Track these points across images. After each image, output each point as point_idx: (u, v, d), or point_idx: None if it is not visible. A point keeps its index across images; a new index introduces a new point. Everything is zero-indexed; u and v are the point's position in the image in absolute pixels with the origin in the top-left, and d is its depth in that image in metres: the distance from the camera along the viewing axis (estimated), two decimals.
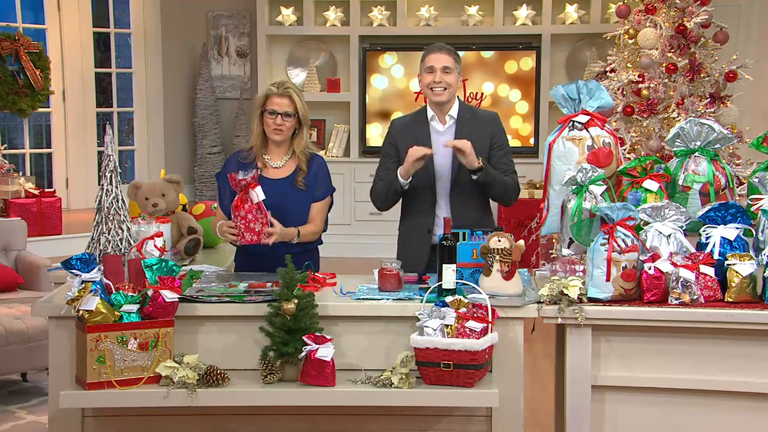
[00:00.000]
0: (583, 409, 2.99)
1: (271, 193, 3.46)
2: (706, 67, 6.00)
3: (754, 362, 2.93)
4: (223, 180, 3.57)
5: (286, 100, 3.50)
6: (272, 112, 3.50)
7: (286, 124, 3.51)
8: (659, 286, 2.94)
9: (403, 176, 3.58)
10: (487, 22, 8.22)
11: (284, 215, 3.47)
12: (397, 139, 3.72)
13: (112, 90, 8.76)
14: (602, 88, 3.38)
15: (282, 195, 3.51)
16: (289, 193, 3.54)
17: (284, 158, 3.60)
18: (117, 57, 8.76)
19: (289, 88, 3.52)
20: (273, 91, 3.51)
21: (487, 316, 2.83)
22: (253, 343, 2.93)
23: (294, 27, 8.50)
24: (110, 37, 8.59)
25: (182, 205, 4.20)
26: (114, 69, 8.67)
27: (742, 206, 3.11)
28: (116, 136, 8.34)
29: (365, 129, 8.44)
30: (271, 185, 3.51)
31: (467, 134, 3.63)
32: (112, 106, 8.74)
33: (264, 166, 3.58)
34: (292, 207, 3.53)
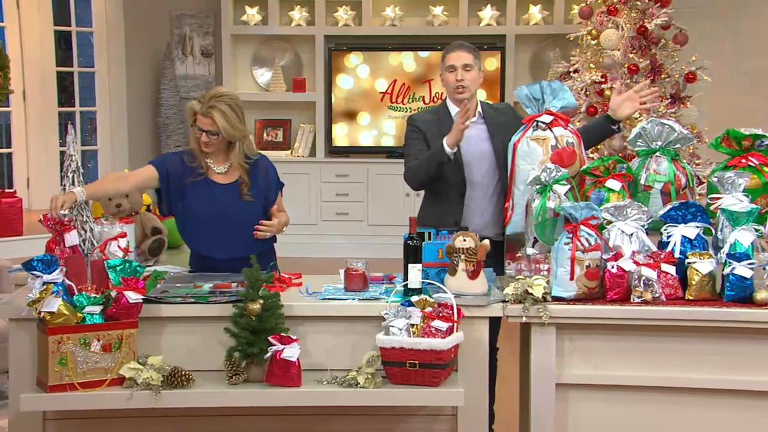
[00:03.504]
0: (548, 407, 3.02)
1: (221, 198, 3.43)
2: (666, 68, 6.10)
3: (714, 359, 2.97)
4: (160, 164, 3.47)
5: (209, 119, 3.32)
6: (198, 128, 3.37)
7: (212, 141, 3.37)
8: (622, 285, 2.97)
9: (450, 145, 3.48)
10: (452, 22, 8.26)
11: (229, 224, 3.43)
12: (422, 129, 3.69)
13: (74, 89, 8.64)
14: (565, 89, 3.42)
15: (230, 202, 3.44)
16: (234, 202, 3.45)
17: (226, 164, 3.47)
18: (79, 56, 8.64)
19: (212, 107, 3.31)
20: (197, 108, 3.35)
21: (452, 315, 2.85)
22: (218, 344, 2.91)
23: (259, 26, 8.46)
24: (72, 35, 8.47)
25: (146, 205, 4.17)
26: (76, 68, 8.55)
27: (702, 205, 3.16)
28: (79, 136, 8.26)
29: (331, 129, 8.43)
30: (219, 190, 3.45)
31: (498, 127, 3.66)
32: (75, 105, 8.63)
33: (207, 169, 3.47)
34: (238, 217, 3.44)
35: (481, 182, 3.63)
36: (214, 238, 3.43)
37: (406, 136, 3.77)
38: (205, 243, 3.48)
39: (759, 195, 3.18)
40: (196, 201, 3.44)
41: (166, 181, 3.44)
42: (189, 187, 3.45)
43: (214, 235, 3.43)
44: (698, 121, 6.17)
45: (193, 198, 3.44)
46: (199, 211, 3.44)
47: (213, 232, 3.43)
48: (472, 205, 3.63)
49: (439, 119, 3.72)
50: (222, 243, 3.43)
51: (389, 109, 8.36)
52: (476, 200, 3.65)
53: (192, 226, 3.48)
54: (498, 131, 3.65)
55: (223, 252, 3.43)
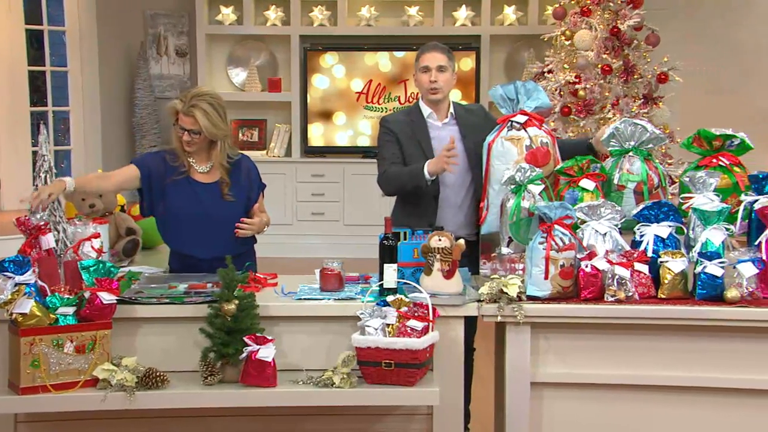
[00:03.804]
0: (522, 406, 3.03)
1: (203, 197, 3.44)
2: (639, 68, 6.16)
3: (687, 356, 3.00)
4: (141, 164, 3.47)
5: (191, 118, 3.34)
6: (180, 127, 3.38)
7: (194, 140, 3.39)
8: (596, 284, 2.99)
9: (431, 173, 3.49)
10: (427, 22, 8.28)
11: (211, 223, 3.44)
12: (395, 131, 3.70)
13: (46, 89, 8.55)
14: (540, 89, 3.44)
15: (212, 201, 3.45)
16: (215, 202, 3.46)
17: (208, 163, 3.48)
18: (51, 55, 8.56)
19: (194, 106, 3.33)
20: (178, 107, 3.37)
21: (428, 315, 2.85)
22: (193, 345, 2.89)
23: (234, 26, 8.43)
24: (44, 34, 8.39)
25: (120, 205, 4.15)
26: (48, 67, 8.47)
27: (674, 205, 3.19)
28: (51, 136, 8.18)
29: (307, 129, 8.42)
30: (201, 189, 3.46)
31: (470, 128, 3.68)
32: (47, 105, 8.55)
33: (190, 167, 3.48)
34: (219, 216, 3.45)
35: (454, 183, 3.64)
36: (196, 238, 3.43)
37: (379, 138, 3.77)
38: (186, 242, 3.47)
39: (729, 194, 3.22)
40: (178, 200, 3.44)
41: (147, 180, 3.44)
42: (170, 186, 3.45)
43: (195, 234, 3.43)
44: (670, 121, 6.24)
45: (175, 197, 3.44)
46: (181, 210, 3.44)
47: (194, 231, 3.43)
48: (446, 206, 3.65)
49: (411, 120, 3.73)
50: (203, 242, 3.43)
51: (365, 109, 8.36)
52: (449, 201, 3.66)
53: (173, 225, 3.48)
54: (470, 132, 3.67)
55: (205, 251, 3.43)
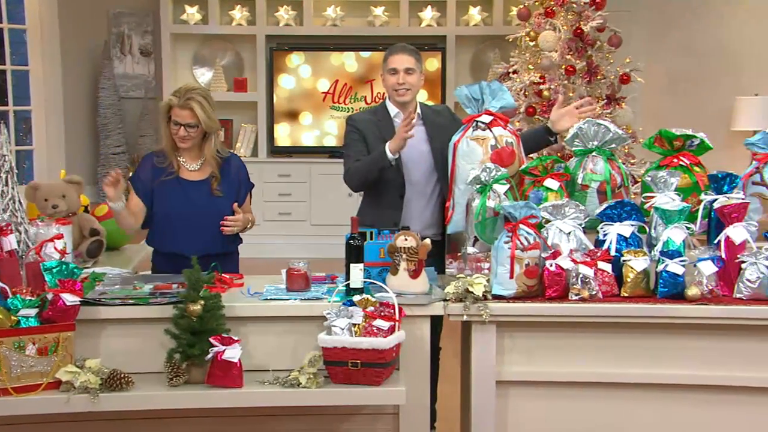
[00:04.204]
0: (488, 405, 3.05)
1: (192, 195, 3.48)
2: (602, 69, 6.23)
3: (650, 354, 3.04)
4: (138, 183, 3.54)
5: (188, 111, 3.39)
6: (175, 122, 3.42)
7: (190, 134, 3.44)
8: (560, 283, 3.02)
9: (392, 151, 3.51)
10: (393, 23, 8.29)
11: (200, 220, 3.47)
12: (361, 129, 3.71)
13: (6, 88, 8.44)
14: (504, 89, 3.47)
15: (202, 199, 3.49)
16: (205, 198, 3.50)
17: (199, 161, 3.54)
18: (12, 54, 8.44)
19: (190, 99, 3.39)
20: (174, 102, 3.41)
21: (394, 314, 2.86)
22: (159, 346, 2.88)
23: (199, 26, 8.37)
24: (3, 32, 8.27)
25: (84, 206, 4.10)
26: (9, 66, 8.35)
27: (637, 204, 3.23)
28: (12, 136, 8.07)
29: (273, 129, 8.39)
30: (190, 187, 3.50)
31: (436, 128, 3.70)
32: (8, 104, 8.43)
33: (179, 167, 3.53)
34: (211, 212, 3.49)
35: (420, 183, 3.66)
36: (186, 236, 3.45)
37: (346, 136, 3.78)
38: (176, 241, 3.48)
39: (690, 194, 3.26)
40: (167, 200, 3.48)
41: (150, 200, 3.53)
42: (158, 187, 3.49)
43: (185, 232, 3.46)
44: (633, 122, 6.32)
45: (163, 197, 3.49)
46: (170, 209, 3.48)
47: (184, 229, 3.46)
48: (411, 206, 3.66)
49: (378, 120, 3.74)
50: (193, 240, 3.44)
51: (331, 109, 8.36)
52: (415, 201, 3.68)
53: (163, 225, 3.51)
54: (436, 132, 3.69)
55: (195, 249, 3.37)
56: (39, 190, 3.76)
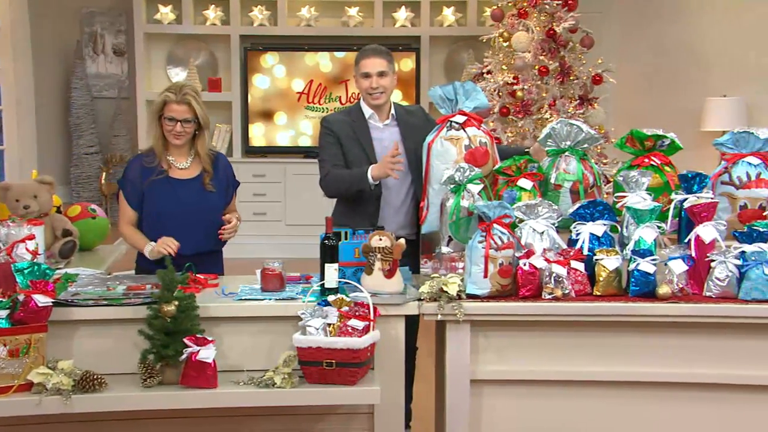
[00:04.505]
0: (462, 403, 3.07)
1: (182, 194, 3.50)
2: (575, 70, 6.27)
3: (622, 352, 3.07)
4: (127, 185, 3.53)
5: (185, 106, 3.45)
6: (171, 119, 3.45)
7: (186, 130, 3.48)
8: (533, 282, 3.04)
9: (375, 178, 3.53)
10: (367, 23, 8.30)
11: (194, 217, 3.50)
12: (336, 131, 3.71)
13: None
14: (478, 89, 3.49)
15: (193, 197, 3.52)
16: (199, 195, 3.53)
17: (188, 159, 3.57)
18: None
19: (187, 95, 3.46)
20: (171, 98, 3.45)
21: (368, 314, 2.87)
22: (132, 347, 2.86)
23: (173, 25, 8.33)
24: None
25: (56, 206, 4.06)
26: None
27: (609, 204, 3.26)
28: None
29: (248, 129, 8.36)
30: (181, 186, 3.52)
31: (410, 129, 3.72)
32: None
33: (169, 167, 3.54)
34: (205, 208, 3.54)
35: (395, 184, 3.67)
36: (180, 235, 3.44)
37: (320, 138, 3.79)
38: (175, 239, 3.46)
39: (661, 193, 3.30)
40: (158, 200, 3.49)
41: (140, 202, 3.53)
42: (148, 188, 3.49)
43: (179, 231, 3.44)
44: (605, 122, 6.37)
45: (154, 197, 3.49)
46: (162, 209, 3.48)
47: (178, 228, 3.45)
48: (387, 207, 3.68)
49: (353, 121, 3.74)
50: (187, 238, 3.44)
51: (306, 109, 8.35)
52: (390, 201, 3.69)
53: (155, 224, 3.49)
54: (410, 133, 3.70)
55: (189, 247, 3.43)
56: (10, 190, 3.73)
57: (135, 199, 3.52)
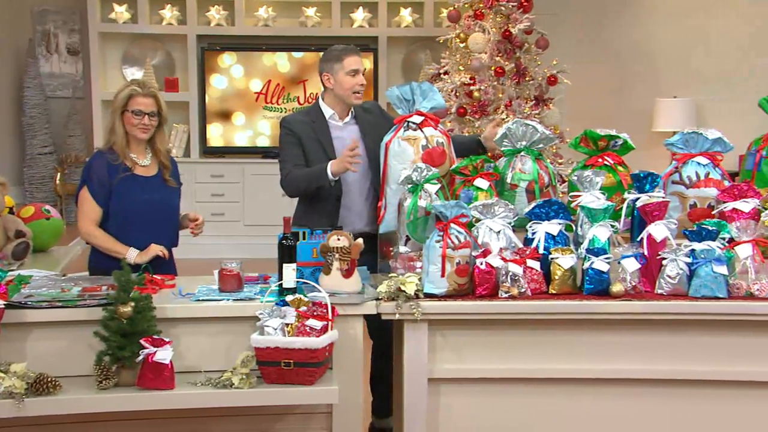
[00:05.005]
0: (420, 402, 3.08)
1: (149, 192, 3.51)
2: (530, 71, 6.33)
3: (577, 350, 3.11)
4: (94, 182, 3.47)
5: (151, 99, 3.50)
6: (138, 112, 3.46)
7: (152, 123, 3.52)
8: (490, 281, 3.07)
9: (334, 174, 3.54)
10: (325, 23, 8.29)
11: (165, 213, 3.55)
12: (296, 132, 3.72)
13: None
14: (435, 90, 3.51)
15: (159, 194, 3.55)
16: (164, 190, 3.58)
17: (148, 156, 3.58)
18: None
19: (152, 89, 3.54)
20: (138, 92, 3.49)
21: (327, 314, 2.87)
22: (88, 349, 2.84)
23: (128, 25, 8.24)
24: None
25: (9, 207, 4.00)
26: None
27: (564, 203, 3.31)
28: None
29: (205, 129, 8.31)
30: (147, 184, 3.53)
31: (369, 126, 3.74)
32: None
33: (133, 164, 3.52)
34: (170, 204, 3.60)
35: (356, 182, 3.68)
36: (150, 232, 3.47)
37: (281, 139, 3.78)
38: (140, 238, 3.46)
39: (614, 193, 3.36)
40: (126, 198, 3.47)
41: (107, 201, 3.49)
42: (117, 186, 3.47)
43: (149, 228, 3.47)
44: (560, 122, 6.44)
45: (123, 196, 3.47)
46: (131, 207, 3.47)
47: (145, 226, 3.47)
48: (348, 205, 3.69)
49: (312, 121, 3.75)
50: (157, 235, 3.49)
51: (264, 109, 8.32)
52: (352, 200, 3.70)
53: (123, 223, 3.47)
54: (369, 130, 3.72)
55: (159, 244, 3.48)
56: None
57: (103, 196, 3.47)
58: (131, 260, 3.36)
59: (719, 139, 3.44)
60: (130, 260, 3.35)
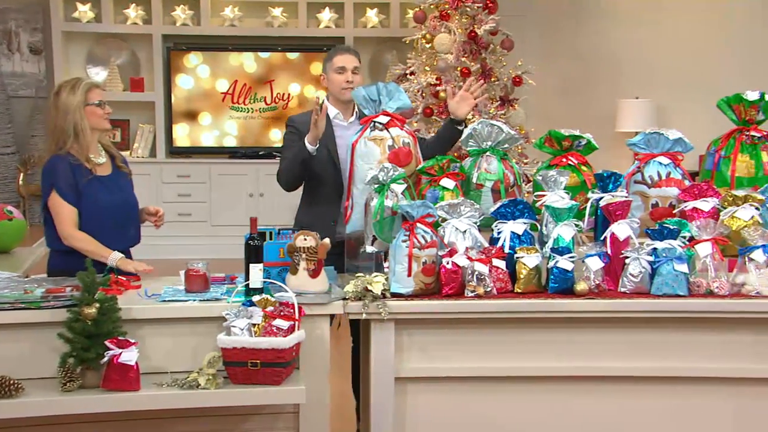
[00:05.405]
0: (387, 401, 3.09)
1: (114, 192, 3.49)
2: (495, 71, 6.38)
3: (542, 348, 3.14)
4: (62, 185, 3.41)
5: (102, 90, 3.53)
6: (100, 103, 3.46)
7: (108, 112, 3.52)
8: (456, 280, 3.09)
9: (310, 141, 3.59)
10: (291, 24, 8.28)
11: (131, 213, 3.55)
12: (300, 129, 3.73)
13: None
14: (401, 90, 3.53)
15: (123, 192, 3.54)
16: (126, 188, 3.57)
17: (102, 153, 3.55)
18: None
19: None
20: (96, 83, 3.52)
21: (293, 314, 2.88)
22: (51, 351, 2.81)
23: (92, 24, 8.16)
24: None
25: None
26: None
27: (529, 202, 3.34)
28: None
29: (171, 129, 8.26)
30: (110, 184, 3.50)
31: None
32: None
33: (93, 166, 3.48)
34: (133, 202, 3.59)
35: None
36: (118, 231, 3.46)
37: (284, 137, 3.87)
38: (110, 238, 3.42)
39: (578, 192, 3.40)
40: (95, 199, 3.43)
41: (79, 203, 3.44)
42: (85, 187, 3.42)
43: (115, 228, 3.45)
44: (525, 123, 6.50)
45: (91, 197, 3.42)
46: (101, 207, 3.43)
47: (114, 225, 3.45)
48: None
49: None
50: (124, 233, 3.50)
51: (231, 109, 8.29)
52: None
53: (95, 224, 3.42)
54: None
55: (127, 242, 3.50)
56: None
57: (74, 197, 3.42)
58: (113, 264, 3.31)
59: (680, 140, 3.50)
60: (112, 264, 3.31)
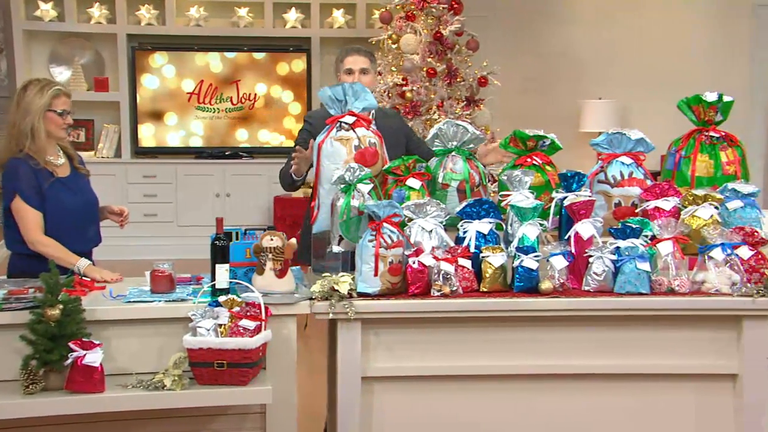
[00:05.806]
0: (354, 401, 3.09)
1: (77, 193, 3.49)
2: (461, 72, 6.43)
3: (508, 346, 3.15)
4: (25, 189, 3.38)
5: (69, 99, 3.51)
6: (64, 111, 3.46)
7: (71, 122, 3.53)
8: (423, 279, 3.10)
9: (295, 174, 3.69)
10: (257, 24, 8.26)
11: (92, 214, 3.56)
12: (313, 124, 3.78)
13: None
14: (366, 90, 3.52)
15: (84, 193, 3.54)
16: (86, 190, 3.57)
17: (60, 155, 3.54)
18: None
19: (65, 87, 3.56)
20: (62, 90, 3.50)
21: (260, 314, 2.87)
22: (13, 353, 2.78)
23: (55, 23, 8.08)
24: None
25: None
26: None
27: (494, 202, 3.36)
28: None
29: (137, 129, 8.20)
30: (71, 185, 3.49)
31: (387, 129, 3.75)
32: None
33: (54, 168, 3.47)
34: (94, 203, 3.59)
35: None
36: (82, 232, 3.47)
37: (298, 132, 3.95)
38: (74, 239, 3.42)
39: (542, 192, 3.42)
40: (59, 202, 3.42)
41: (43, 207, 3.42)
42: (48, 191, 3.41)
43: (79, 229, 3.46)
44: (490, 123, 6.55)
45: (55, 200, 3.41)
46: (63, 213, 3.42)
47: (78, 226, 3.46)
48: None
49: None
50: (87, 234, 3.50)
51: (197, 109, 8.25)
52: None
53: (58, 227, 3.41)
54: (387, 135, 3.68)
55: (86, 244, 3.50)
56: None
57: (37, 201, 3.40)
58: (81, 270, 3.30)
59: (641, 140, 3.54)
60: (79, 271, 3.29)
